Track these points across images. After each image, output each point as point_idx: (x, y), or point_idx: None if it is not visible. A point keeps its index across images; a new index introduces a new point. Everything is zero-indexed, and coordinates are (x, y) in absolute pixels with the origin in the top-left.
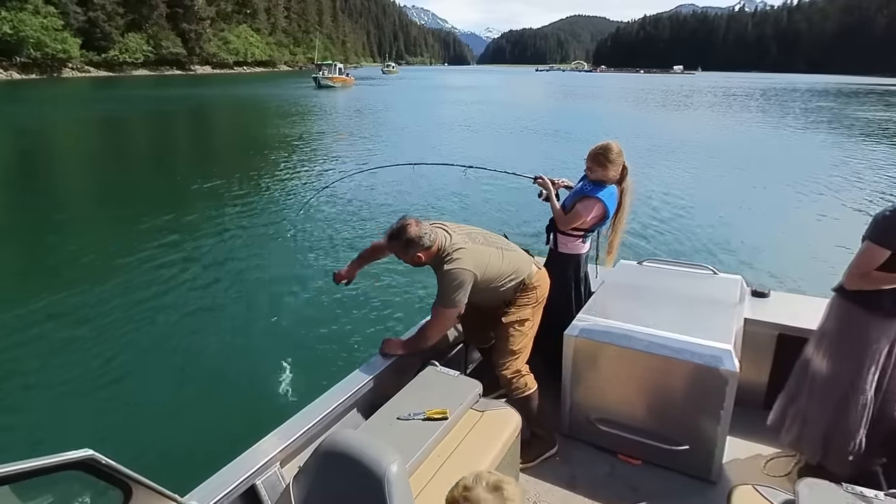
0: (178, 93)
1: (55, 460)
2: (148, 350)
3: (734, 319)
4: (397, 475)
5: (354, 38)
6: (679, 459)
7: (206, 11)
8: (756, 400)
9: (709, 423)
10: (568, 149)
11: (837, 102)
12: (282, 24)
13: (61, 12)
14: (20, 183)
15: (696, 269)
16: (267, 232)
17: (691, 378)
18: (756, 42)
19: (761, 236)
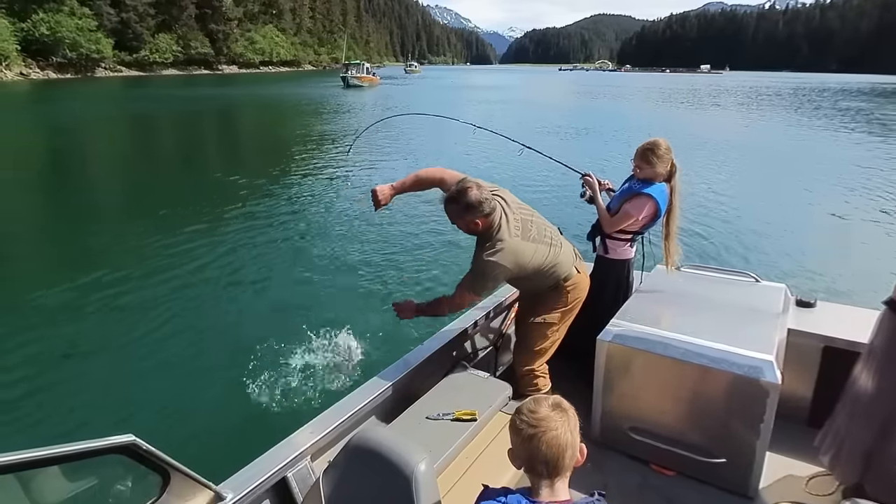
0: (210, 92)
1: (100, 444)
2: (188, 343)
3: (777, 329)
4: (425, 474)
5: (378, 38)
6: (715, 472)
7: (234, 12)
8: (799, 415)
9: (747, 436)
10: (596, 148)
11: (877, 103)
12: (307, 24)
13: (95, 13)
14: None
15: (737, 275)
16: (306, 226)
17: (730, 389)
18: (786, 41)
19: (808, 243)
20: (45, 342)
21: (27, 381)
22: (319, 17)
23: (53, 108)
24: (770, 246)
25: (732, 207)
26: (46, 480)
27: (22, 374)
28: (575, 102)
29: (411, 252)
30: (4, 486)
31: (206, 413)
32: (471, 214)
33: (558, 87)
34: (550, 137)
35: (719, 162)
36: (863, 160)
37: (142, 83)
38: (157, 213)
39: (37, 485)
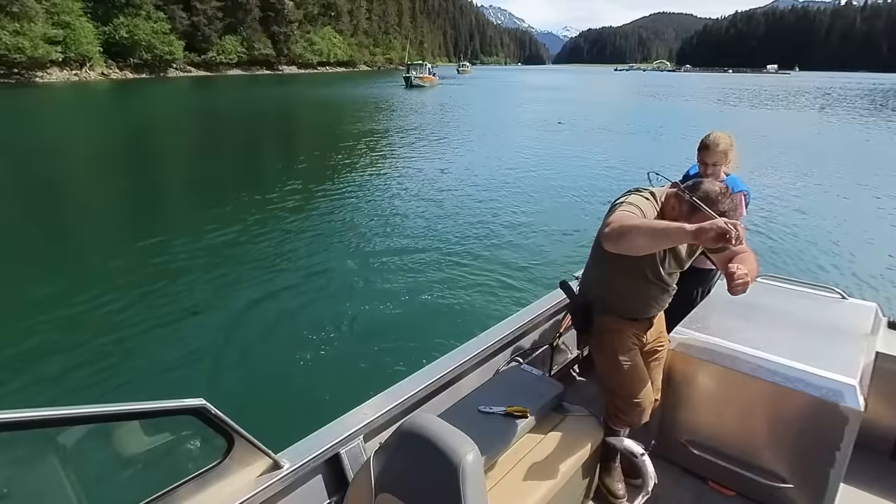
0: (280, 91)
1: (175, 405)
2: (261, 321)
3: (863, 352)
4: (472, 466)
5: (432, 39)
6: (779, 497)
7: (295, 14)
8: (884, 447)
9: (820, 463)
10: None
11: None
12: (363, 25)
13: (169, 17)
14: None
15: (821, 290)
16: (380, 212)
17: (804, 411)
18: (864, 39)
19: None
20: (132, 314)
21: (118, 345)
22: (376, 19)
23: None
24: (862, 261)
25: (819, 217)
26: (127, 433)
27: (114, 339)
28: (631, 102)
29: (475, 246)
30: (91, 435)
31: (271, 386)
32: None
33: (614, 88)
34: (610, 137)
35: (795, 167)
36: None
37: (210, 83)
38: (252, 199)
39: (118, 436)
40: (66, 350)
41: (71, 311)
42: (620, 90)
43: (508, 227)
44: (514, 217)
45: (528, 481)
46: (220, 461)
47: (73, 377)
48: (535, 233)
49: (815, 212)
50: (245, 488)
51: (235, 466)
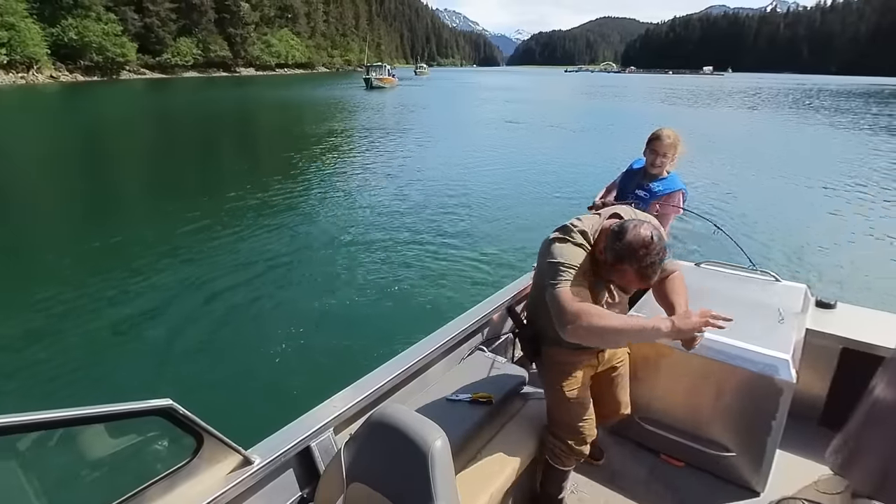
0: (237, 93)
1: (140, 406)
2: (224, 318)
3: (795, 329)
4: (441, 452)
5: (388, 41)
6: (724, 466)
7: (251, 16)
8: (812, 414)
9: (759, 432)
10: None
11: (880, 105)
12: (321, 27)
13: (121, 18)
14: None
15: (756, 274)
16: (345, 209)
17: (744, 385)
18: (788, 43)
19: (830, 244)
20: (95, 315)
21: (79, 349)
22: (333, 21)
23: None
24: (792, 246)
25: (753, 206)
26: (91, 436)
27: (74, 342)
28: (581, 102)
29: (440, 238)
30: (54, 439)
31: (240, 383)
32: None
33: (565, 88)
34: (562, 134)
35: (731, 160)
36: (877, 162)
37: (165, 85)
38: (212, 198)
39: (83, 440)
40: (22, 355)
41: (26, 316)
42: (571, 90)
43: (471, 219)
44: (477, 210)
45: (495, 463)
46: (190, 460)
47: (32, 382)
48: (496, 224)
49: (749, 201)
50: (215, 486)
51: (205, 465)
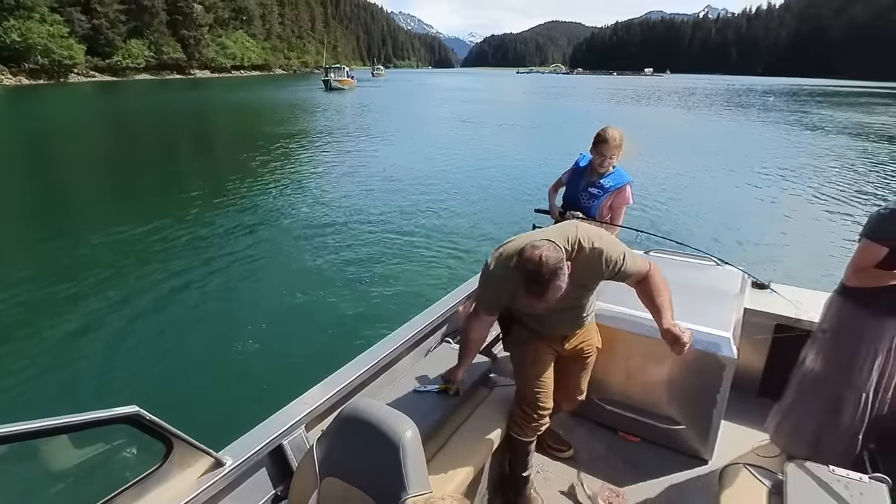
0: (193, 96)
1: (105, 415)
2: (188, 321)
3: (734, 309)
4: (412, 442)
5: (345, 43)
6: (675, 438)
7: (205, 18)
8: (751, 387)
9: (705, 405)
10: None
11: (799, 103)
12: (276, 29)
13: (66, 20)
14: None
15: (699, 259)
16: (311, 207)
17: (691, 363)
18: (719, 47)
19: (764, 229)
20: (53, 322)
21: (39, 358)
22: (289, 23)
23: (28, 111)
24: (730, 232)
25: (694, 196)
26: (56, 449)
27: (34, 352)
28: (533, 101)
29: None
30: (18, 453)
31: (209, 385)
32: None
33: (517, 89)
34: (517, 132)
35: (673, 154)
36: (799, 154)
37: (116, 87)
38: (171, 201)
39: (47, 453)
40: None
41: None
42: (524, 91)
43: (433, 215)
44: (438, 206)
45: (464, 450)
46: (160, 465)
47: None
48: (458, 219)
49: (690, 192)
50: (187, 490)
51: (175, 469)
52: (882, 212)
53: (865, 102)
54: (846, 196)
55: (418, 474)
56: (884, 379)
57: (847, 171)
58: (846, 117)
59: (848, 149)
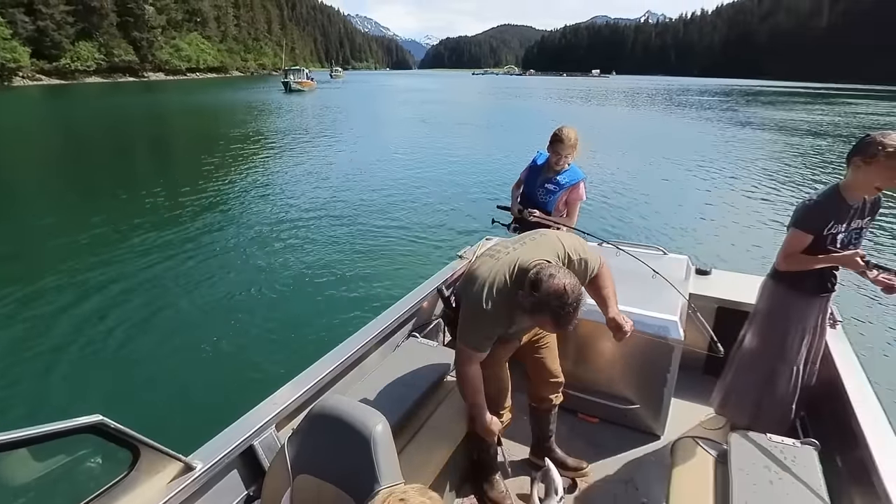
0: (147, 99)
1: (68, 425)
2: (152, 325)
3: (680, 295)
4: (382, 435)
5: (302, 45)
6: (631, 417)
7: (157, 20)
8: (697, 365)
9: (657, 384)
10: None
11: (731, 102)
12: (232, 31)
13: (9, 21)
14: None
15: (648, 249)
16: (263, 212)
17: (643, 346)
18: (659, 50)
19: (705, 220)
20: (9, 331)
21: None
22: (245, 25)
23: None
24: (675, 222)
25: (640, 190)
26: (15, 463)
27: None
28: (489, 101)
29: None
30: None
31: (174, 390)
32: None
33: (473, 89)
34: (474, 131)
35: (621, 150)
36: (734, 148)
37: (65, 91)
38: (128, 203)
39: (6, 467)
40: None
41: None
42: (479, 91)
43: (397, 211)
44: (403, 202)
45: (433, 441)
46: (127, 474)
47: None
48: (422, 214)
49: (638, 185)
50: (156, 496)
51: (143, 476)
52: (807, 203)
53: (790, 101)
54: (777, 187)
55: (390, 466)
56: (811, 353)
57: (777, 164)
58: (774, 115)
59: (777, 143)
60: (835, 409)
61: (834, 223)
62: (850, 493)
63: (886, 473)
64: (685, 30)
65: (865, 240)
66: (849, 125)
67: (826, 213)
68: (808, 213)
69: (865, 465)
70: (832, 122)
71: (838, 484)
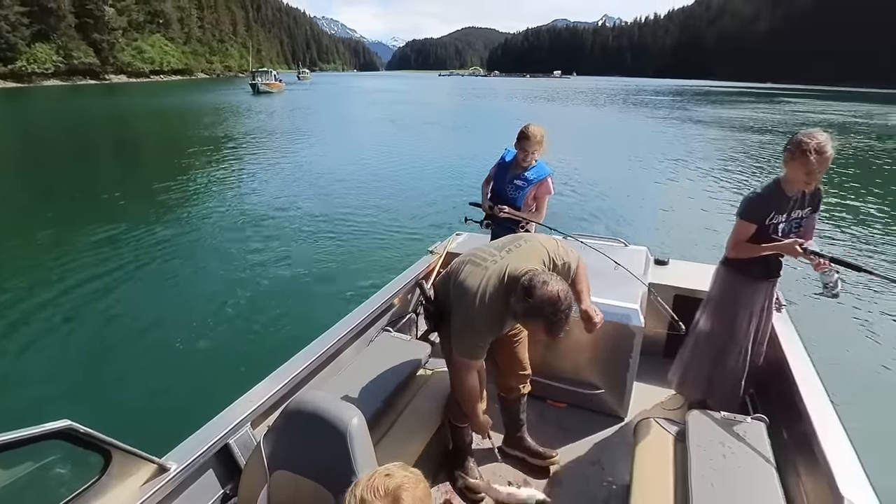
0: (109, 101)
1: (35, 431)
2: (120, 324)
3: (640, 284)
4: (358, 428)
5: (269, 47)
6: (596, 401)
7: (117, 21)
8: (657, 350)
9: (620, 369)
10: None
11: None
12: (196, 33)
13: None
14: None
15: (610, 242)
16: (234, 211)
17: (607, 333)
18: (616, 52)
19: (663, 213)
20: None
21: None
22: (209, 27)
23: None
24: (635, 215)
25: (602, 184)
26: None
27: None
28: (458, 102)
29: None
30: None
31: (147, 391)
32: None
33: (441, 90)
34: (443, 130)
35: (583, 146)
36: (689, 144)
37: (21, 94)
38: (94, 205)
39: None
40: None
41: None
42: (447, 92)
43: (370, 208)
44: (375, 200)
45: (408, 431)
46: (98, 478)
47: None
48: (394, 211)
49: (600, 180)
50: (129, 500)
51: (115, 481)
52: (750, 196)
53: (736, 100)
54: (727, 179)
55: (366, 459)
56: (759, 333)
57: (726, 158)
58: (722, 113)
59: (726, 139)
60: (781, 387)
61: (775, 214)
62: (795, 462)
63: (827, 443)
64: (640, 33)
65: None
66: (789, 122)
67: (767, 204)
68: (750, 204)
69: (808, 437)
70: (774, 119)
71: (785, 454)
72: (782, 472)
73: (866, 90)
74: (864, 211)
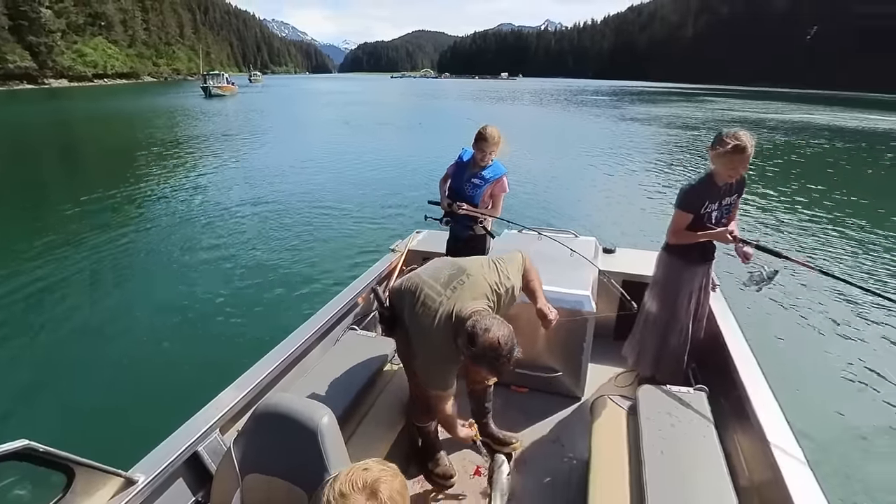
0: (50, 107)
1: None
2: (76, 336)
3: (591, 271)
4: (329, 427)
5: (218, 50)
6: (555, 384)
7: (55, 24)
8: (608, 333)
9: (575, 353)
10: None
11: (621, 100)
12: (141, 36)
13: None
14: None
15: (561, 233)
16: (192, 214)
17: (562, 320)
18: (558, 55)
19: (608, 204)
20: None
21: None
22: (154, 29)
23: None
24: (583, 207)
25: (551, 179)
26: None
27: None
28: (410, 103)
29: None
30: None
31: (110, 405)
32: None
33: (394, 92)
34: (398, 130)
35: (532, 144)
36: (629, 139)
37: None
38: (32, 213)
39: None
40: None
41: None
42: (400, 93)
43: (330, 208)
44: (335, 201)
45: (377, 428)
46: (61, 497)
47: None
48: (354, 211)
49: (549, 177)
50: None
51: (80, 498)
52: (686, 188)
53: (668, 100)
54: (665, 172)
55: (338, 456)
56: (699, 311)
57: (662, 153)
58: (656, 111)
59: (660, 135)
60: (718, 359)
61: (708, 203)
62: (733, 426)
63: (759, 407)
64: (580, 37)
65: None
66: (716, 119)
67: (701, 195)
68: (686, 196)
69: (742, 402)
70: (702, 117)
71: (723, 419)
72: (721, 434)
73: (780, 90)
74: (782, 198)
